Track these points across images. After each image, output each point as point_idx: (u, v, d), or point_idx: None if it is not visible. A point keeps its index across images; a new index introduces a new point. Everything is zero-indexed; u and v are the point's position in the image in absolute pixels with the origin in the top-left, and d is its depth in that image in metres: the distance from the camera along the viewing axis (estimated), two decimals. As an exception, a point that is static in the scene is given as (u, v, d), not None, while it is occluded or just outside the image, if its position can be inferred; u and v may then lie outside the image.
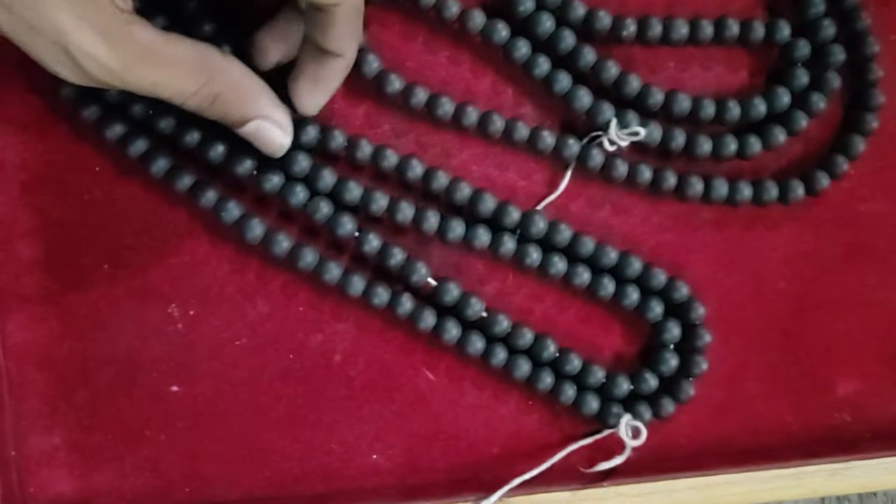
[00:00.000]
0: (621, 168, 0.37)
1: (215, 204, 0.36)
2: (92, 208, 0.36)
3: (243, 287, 0.37)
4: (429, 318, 0.36)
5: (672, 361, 0.37)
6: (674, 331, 0.37)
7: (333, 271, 0.36)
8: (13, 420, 0.37)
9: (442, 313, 0.37)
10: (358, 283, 0.36)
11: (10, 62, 0.36)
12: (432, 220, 0.36)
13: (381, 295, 0.36)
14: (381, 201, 0.36)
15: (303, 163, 0.35)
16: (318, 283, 0.36)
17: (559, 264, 0.36)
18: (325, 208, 0.35)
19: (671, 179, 0.37)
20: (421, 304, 0.37)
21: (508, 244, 0.36)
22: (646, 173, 0.37)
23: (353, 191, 0.36)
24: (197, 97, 0.31)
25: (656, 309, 0.37)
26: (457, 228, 0.36)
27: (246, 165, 0.35)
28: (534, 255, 0.36)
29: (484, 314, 0.37)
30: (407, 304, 0.36)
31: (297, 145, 0.35)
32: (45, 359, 0.36)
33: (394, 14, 0.37)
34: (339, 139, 0.35)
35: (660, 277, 0.37)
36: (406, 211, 0.36)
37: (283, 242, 0.36)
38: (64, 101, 0.35)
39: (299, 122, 0.35)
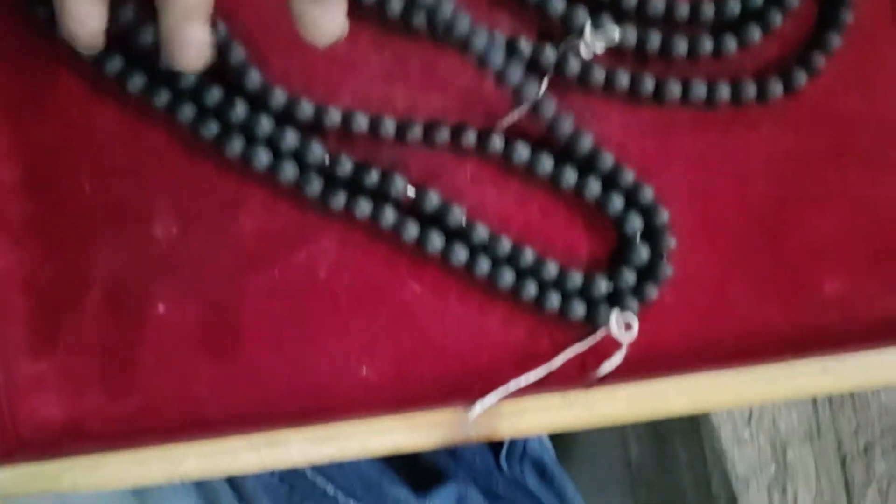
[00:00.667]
0: (598, 75, 0.37)
1: (193, 120, 0.36)
2: (70, 129, 0.36)
3: (223, 204, 0.37)
4: (412, 229, 0.36)
5: (642, 251, 0.37)
6: (635, 221, 0.37)
7: (314, 185, 0.36)
8: (-1, 346, 0.37)
9: (424, 224, 0.37)
10: (340, 197, 0.36)
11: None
12: (388, 125, 0.36)
13: (364, 207, 0.36)
14: (334, 115, 0.36)
15: (255, 78, 0.35)
16: (300, 197, 0.36)
17: (522, 151, 0.37)
18: (290, 137, 0.35)
19: (649, 83, 0.37)
20: (404, 215, 0.37)
21: (470, 136, 0.36)
22: (623, 79, 0.37)
23: (306, 108, 0.36)
24: None
25: (616, 201, 0.37)
26: (416, 130, 0.36)
27: (213, 94, 0.36)
28: (497, 142, 0.37)
29: (463, 223, 0.37)
30: (389, 215, 0.36)
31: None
32: (29, 283, 0.36)
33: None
34: None
35: (607, 162, 0.37)
36: (360, 120, 0.36)
37: (263, 157, 0.36)
38: (38, 21, 0.35)
39: None
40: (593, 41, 0.36)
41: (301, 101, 0.36)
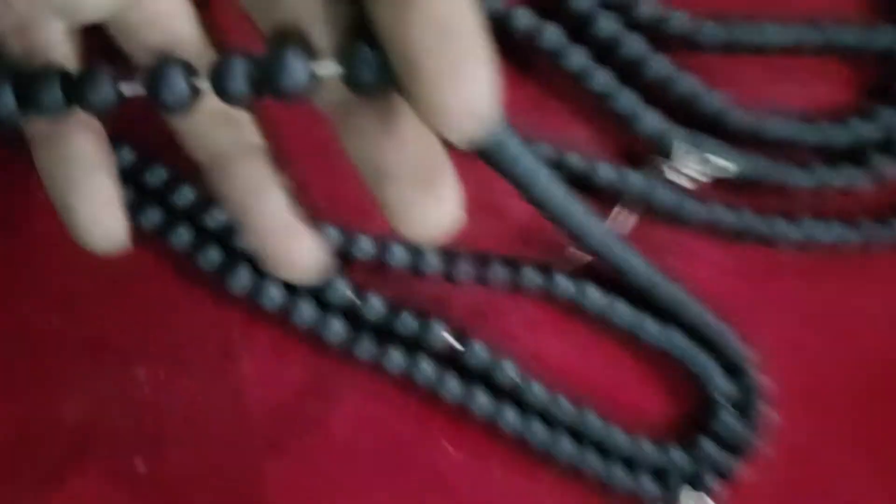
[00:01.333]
0: (692, 208, 0.32)
1: (190, 246, 0.30)
2: (38, 246, 0.31)
3: (225, 345, 0.31)
4: (453, 387, 0.31)
5: (728, 419, 0.32)
6: (723, 384, 0.32)
7: (336, 329, 0.30)
8: (-56, 506, 0.31)
9: (467, 378, 0.31)
10: (367, 344, 0.30)
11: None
12: (431, 260, 0.31)
13: (396, 358, 0.31)
14: (365, 245, 0.31)
15: None
16: (317, 341, 0.31)
17: (592, 295, 0.31)
18: None
19: (753, 221, 0.32)
20: (443, 369, 0.31)
21: (529, 274, 0.31)
22: (723, 215, 0.32)
23: (331, 235, 0.30)
24: None
25: (701, 359, 0.32)
26: (464, 265, 0.31)
27: (215, 216, 0.30)
28: (562, 282, 0.31)
29: (516, 381, 0.31)
30: (427, 369, 0.31)
31: None
32: (-17, 431, 0.31)
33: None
34: None
35: (693, 311, 0.31)
36: (397, 252, 0.31)
37: (274, 294, 0.30)
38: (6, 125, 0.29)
39: None
40: (691, 168, 0.30)
41: (325, 226, 0.30)
